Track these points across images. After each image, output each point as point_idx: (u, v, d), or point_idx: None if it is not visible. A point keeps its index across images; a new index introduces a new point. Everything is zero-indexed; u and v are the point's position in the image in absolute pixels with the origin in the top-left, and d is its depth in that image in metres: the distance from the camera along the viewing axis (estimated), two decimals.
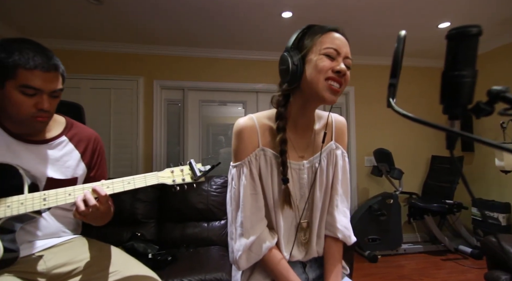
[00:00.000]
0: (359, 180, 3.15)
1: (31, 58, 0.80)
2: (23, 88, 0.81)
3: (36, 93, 0.82)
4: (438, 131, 0.40)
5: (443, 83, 0.45)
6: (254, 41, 2.71)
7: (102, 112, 2.69)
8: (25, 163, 0.88)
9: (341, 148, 0.85)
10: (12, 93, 0.81)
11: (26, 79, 0.80)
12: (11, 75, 0.79)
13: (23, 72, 0.80)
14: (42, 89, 0.83)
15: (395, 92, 0.49)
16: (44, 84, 0.82)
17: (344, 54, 0.71)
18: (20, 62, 0.79)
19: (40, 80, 0.82)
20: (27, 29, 2.43)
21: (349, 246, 1.83)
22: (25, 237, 0.89)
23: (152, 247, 1.77)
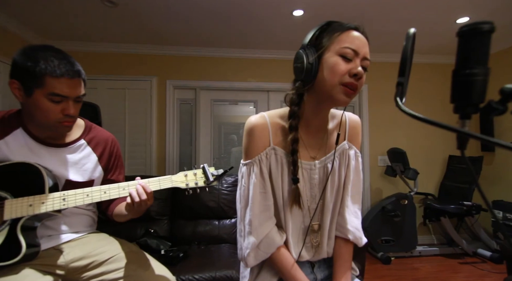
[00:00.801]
0: (372, 180, 3.10)
1: (56, 66, 0.83)
2: (51, 96, 0.84)
3: (63, 100, 0.86)
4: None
5: (454, 82, 0.43)
6: (265, 40, 2.71)
7: (117, 112, 2.77)
8: (46, 165, 0.91)
9: (354, 148, 0.82)
10: (40, 100, 0.84)
11: (53, 87, 0.83)
12: (39, 83, 0.83)
13: (50, 80, 0.83)
14: (68, 96, 0.86)
15: (403, 92, 0.48)
16: (70, 91, 0.86)
17: (362, 55, 0.67)
18: (47, 71, 0.82)
19: (66, 87, 0.85)
20: (47, 32, 2.54)
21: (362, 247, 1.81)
22: (45, 232, 0.93)
23: (164, 244, 1.82)
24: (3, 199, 0.84)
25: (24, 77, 0.84)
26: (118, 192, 0.91)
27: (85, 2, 2.03)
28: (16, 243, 0.80)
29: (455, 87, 0.43)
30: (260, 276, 0.78)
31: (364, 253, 1.78)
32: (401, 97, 0.47)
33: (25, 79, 0.84)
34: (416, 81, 3.04)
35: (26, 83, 0.84)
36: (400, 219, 2.66)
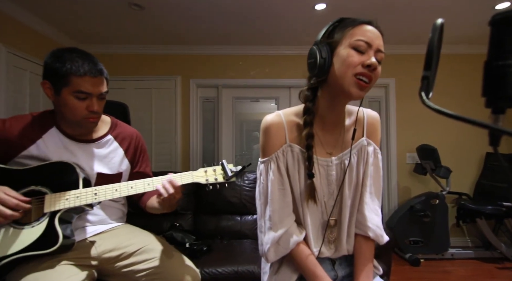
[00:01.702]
0: (399, 178, 2.96)
1: (80, 66, 0.89)
2: (76, 93, 0.91)
3: (87, 97, 0.93)
4: None
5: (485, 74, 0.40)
6: (286, 36, 2.68)
7: (144, 111, 2.90)
8: (79, 160, 1.00)
9: (373, 144, 0.81)
10: (67, 98, 0.92)
11: (78, 85, 0.90)
12: (66, 82, 0.90)
13: (75, 79, 0.90)
14: (91, 93, 0.93)
15: (429, 86, 0.46)
16: (93, 89, 0.93)
17: (376, 47, 0.67)
18: (72, 71, 0.89)
19: (90, 85, 0.92)
20: (78, 36, 2.70)
21: (387, 247, 1.75)
22: (79, 224, 1.01)
23: (189, 237, 1.88)
24: (43, 193, 0.92)
25: (53, 78, 0.91)
26: (144, 187, 0.97)
27: (114, 7, 2.14)
28: (54, 234, 0.87)
29: (487, 80, 0.40)
30: (281, 271, 0.78)
31: (390, 253, 1.72)
32: (426, 92, 0.45)
33: (54, 79, 0.91)
34: (445, 74, 2.85)
35: (55, 83, 0.91)
36: (430, 219, 2.53)
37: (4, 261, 0.82)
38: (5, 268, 0.84)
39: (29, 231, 0.88)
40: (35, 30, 2.32)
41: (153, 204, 1.06)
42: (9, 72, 2.05)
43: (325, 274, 0.73)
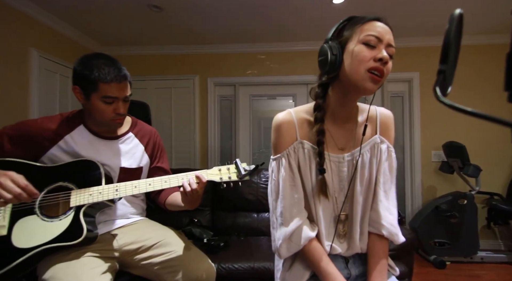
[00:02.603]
0: (424, 177, 2.83)
1: (107, 73, 0.96)
2: (104, 99, 0.98)
3: (114, 101, 1.00)
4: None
5: (508, 66, 0.38)
6: (303, 32, 2.64)
7: (164, 110, 2.99)
8: (103, 156, 1.06)
9: (387, 142, 0.80)
10: (96, 103, 0.99)
11: (105, 91, 0.97)
12: (94, 88, 0.97)
13: (102, 86, 0.96)
14: (117, 97, 0.99)
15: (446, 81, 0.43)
16: (118, 93, 0.99)
17: (386, 42, 0.68)
18: (100, 78, 0.95)
19: (116, 90, 0.98)
20: (101, 39, 2.83)
21: (409, 247, 1.68)
22: (101, 218, 1.07)
23: (207, 233, 1.93)
24: (70, 189, 0.98)
25: (83, 84, 0.98)
26: (161, 184, 1.01)
27: (135, 9, 2.22)
28: (79, 227, 0.93)
29: (509, 73, 0.37)
30: (293, 268, 0.79)
31: (411, 254, 1.66)
32: (442, 87, 0.43)
33: (84, 85, 0.98)
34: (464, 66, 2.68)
35: (84, 88, 0.98)
36: (457, 220, 2.40)
37: (35, 251, 0.89)
38: (36, 257, 0.91)
39: (57, 224, 0.94)
40: (63, 34, 2.46)
41: (174, 201, 1.10)
42: (41, 75, 2.20)
43: (337, 272, 0.72)
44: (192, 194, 0.94)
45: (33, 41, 2.15)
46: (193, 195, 0.94)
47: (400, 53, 2.82)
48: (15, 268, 0.88)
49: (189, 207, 1.03)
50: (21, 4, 2.02)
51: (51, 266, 0.90)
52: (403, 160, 2.92)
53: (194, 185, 0.93)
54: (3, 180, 0.83)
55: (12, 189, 0.83)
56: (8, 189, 0.83)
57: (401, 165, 2.92)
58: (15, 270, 0.88)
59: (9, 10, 1.96)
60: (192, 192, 0.93)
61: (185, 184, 0.93)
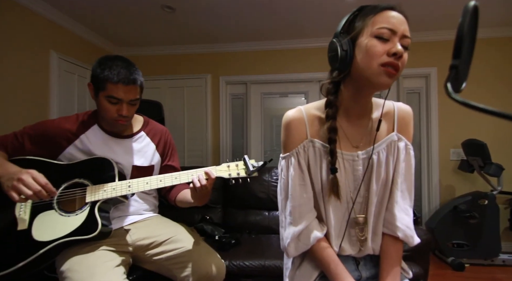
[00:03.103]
0: (442, 176, 2.73)
1: (116, 74, 0.98)
2: (109, 98, 1.01)
3: (118, 102, 1.02)
4: None
5: None
6: (315, 28, 2.60)
7: (177, 109, 3.04)
8: (116, 154, 1.10)
9: (404, 140, 0.76)
10: (102, 101, 1.02)
11: (111, 91, 0.99)
12: (102, 87, 1.00)
13: (109, 85, 0.99)
14: (122, 99, 1.01)
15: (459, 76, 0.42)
16: (124, 95, 1.01)
17: (401, 33, 0.63)
18: (109, 77, 0.98)
19: (122, 92, 1.00)
20: (119, 42, 2.91)
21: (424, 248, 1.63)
22: (115, 214, 1.11)
23: (218, 230, 1.95)
24: (85, 185, 1.02)
25: (94, 81, 1.02)
26: (171, 180, 1.03)
27: (148, 11, 2.26)
28: (94, 222, 0.97)
29: None
30: (302, 267, 0.78)
31: (427, 256, 1.61)
32: (456, 82, 0.41)
33: (95, 82, 1.02)
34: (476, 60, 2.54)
35: (95, 86, 1.02)
36: (477, 221, 2.30)
37: (54, 244, 0.93)
38: (55, 250, 0.95)
39: (73, 218, 0.98)
40: (81, 37, 2.55)
41: (184, 197, 1.13)
42: (60, 76, 2.29)
43: (347, 272, 0.71)
44: (201, 189, 0.95)
45: (53, 44, 2.24)
46: (202, 190, 0.96)
47: (417, 48, 2.72)
48: (36, 260, 0.93)
49: (198, 203, 1.05)
50: (42, 8, 2.11)
51: (68, 258, 0.94)
52: (419, 158, 2.83)
53: (203, 181, 0.94)
54: (25, 177, 0.87)
55: (33, 186, 0.87)
56: (29, 186, 0.87)
57: (418, 164, 2.83)
58: (36, 262, 0.93)
59: (30, 14, 2.05)
60: (202, 187, 0.94)
61: (195, 180, 0.95)
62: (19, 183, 0.86)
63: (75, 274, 0.90)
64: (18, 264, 0.91)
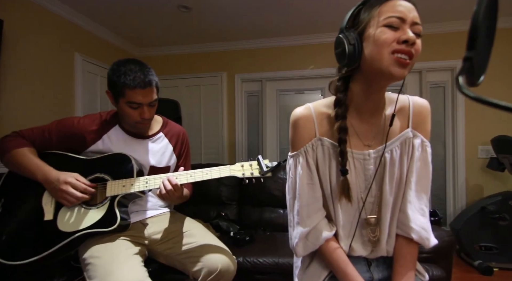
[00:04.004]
0: (469, 175, 2.59)
1: (132, 80, 1.01)
2: (130, 104, 1.04)
3: (139, 106, 1.05)
4: None
5: None
6: (329, 23, 2.54)
7: (194, 107, 3.09)
8: (135, 154, 1.13)
9: (420, 137, 0.72)
10: (123, 107, 1.06)
11: (130, 97, 1.03)
12: (122, 94, 1.03)
13: (128, 91, 1.02)
14: (142, 103, 1.04)
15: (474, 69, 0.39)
16: (143, 99, 1.04)
17: (410, 20, 0.60)
18: (126, 84, 1.01)
19: (140, 96, 1.03)
20: (138, 42, 3.00)
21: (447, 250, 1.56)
22: (134, 208, 1.16)
23: (233, 226, 1.97)
24: (106, 180, 1.07)
25: (113, 89, 1.06)
26: (187, 178, 1.05)
27: (165, 11, 2.32)
28: (113, 215, 1.01)
29: None
30: (311, 266, 0.77)
31: (450, 258, 1.53)
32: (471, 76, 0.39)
33: (113, 90, 1.06)
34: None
35: (114, 93, 1.06)
36: (507, 223, 2.15)
37: (77, 235, 0.99)
38: (78, 240, 1.01)
39: (95, 211, 1.03)
40: (103, 38, 2.66)
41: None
42: (84, 77, 2.40)
43: (356, 273, 0.69)
44: (168, 196, 0.98)
45: (77, 46, 2.35)
46: (169, 197, 0.99)
47: (441, 39, 2.58)
48: (60, 249, 0.99)
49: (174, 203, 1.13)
50: (65, 11, 2.22)
51: (90, 247, 1.00)
52: (444, 156, 2.70)
53: (169, 186, 0.97)
54: (65, 187, 0.96)
55: (74, 194, 0.96)
56: (71, 195, 0.96)
57: (442, 162, 2.70)
58: (60, 251, 0.99)
59: (55, 17, 2.17)
60: (168, 193, 0.98)
61: (161, 185, 0.99)
62: (63, 193, 0.96)
63: (96, 260, 0.95)
64: (45, 252, 0.97)
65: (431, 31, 2.60)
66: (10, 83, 1.84)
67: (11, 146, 1.02)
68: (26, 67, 1.94)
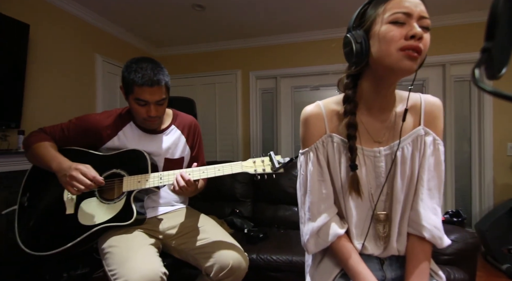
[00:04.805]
0: (497, 174, 2.44)
1: (140, 77, 1.03)
2: (136, 101, 1.06)
3: (146, 103, 1.07)
4: None
5: None
6: (348, 16, 2.46)
7: (209, 105, 3.13)
8: (149, 149, 1.16)
9: (432, 134, 0.71)
10: (132, 103, 1.08)
11: (138, 94, 1.05)
12: (131, 90, 1.06)
13: (136, 88, 1.04)
14: (148, 101, 1.06)
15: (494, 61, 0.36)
16: (150, 97, 1.05)
17: (417, 15, 0.59)
18: (134, 81, 1.03)
19: (147, 93, 1.05)
20: (155, 42, 3.07)
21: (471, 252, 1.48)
22: (150, 204, 1.19)
23: (248, 223, 1.98)
24: (122, 176, 1.11)
25: (124, 85, 1.09)
26: (199, 174, 1.06)
27: (180, 10, 2.35)
28: (130, 210, 1.04)
29: None
30: (322, 264, 0.76)
31: (474, 261, 1.45)
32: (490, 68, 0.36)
33: (124, 86, 1.08)
34: None
35: (125, 89, 1.09)
36: None
37: (96, 228, 1.04)
38: (97, 233, 1.06)
39: (112, 206, 1.07)
40: (121, 39, 2.75)
41: None
42: (104, 77, 2.50)
43: (368, 271, 0.67)
44: (181, 192, 0.99)
45: (97, 48, 2.45)
46: (182, 192, 1.00)
47: (467, 30, 2.44)
48: (81, 242, 1.04)
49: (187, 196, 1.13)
50: (86, 14, 2.31)
51: (108, 238, 1.05)
52: (470, 154, 2.56)
53: (181, 182, 0.98)
54: (75, 173, 0.98)
55: (83, 181, 0.97)
56: (80, 181, 0.97)
57: (468, 160, 2.57)
58: (81, 243, 1.04)
59: (76, 20, 2.27)
60: (181, 189, 0.99)
61: (174, 181, 1.00)
62: (72, 180, 0.97)
63: (114, 249, 1.00)
64: (68, 244, 1.02)
65: (456, 21, 2.46)
66: (36, 84, 1.94)
67: (34, 140, 1.09)
68: (50, 69, 2.05)
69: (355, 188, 0.69)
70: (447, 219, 1.99)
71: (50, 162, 1.02)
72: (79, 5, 2.21)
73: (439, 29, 2.45)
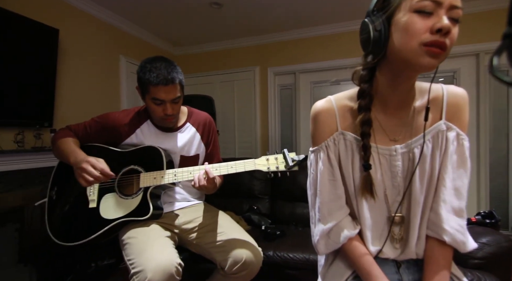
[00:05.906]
0: None
1: (155, 77, 1.05)
2: (153, 100, 1.09)
3: (162, 103, 1.09)
4: None
5: None
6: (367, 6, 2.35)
7: (228, 102, 3.16)
8: (166, 146, 1.19)
9: (456, 129, 0.64)
10: (149, 103, 1.11)
11: (154, 93, 1.07)
12: (146, 90, 1.08)
13: (151, 88, 1.07)
14: (164, 100, 1.08)
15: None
16: (165, 96, 1.07)
17: (448, 4, 0.52)
18: (149, 80, 1.05)
19: (162, 92, 1.07)
20: (175, 41, 3.14)
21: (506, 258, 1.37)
22: (166, 199, 1.22)
23: (265, 220, 1.98)
24: (139, 172, 1.15)
25: (140, 85, 1.11)
26: (213, 171, 1.07)
27: (198, 9, 2.39)
28: (147, 206, 1.08)
29: None
30: (334, 265, 0.74)
31: (509, 266, 1.34)
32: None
33: (141, 86, 1.11)
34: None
35: (141, 89, 1.11)
36: None
37: (116, 222, 1.09)
38: (117, 227, 1.11)
39: (130, 201, 1.12)
40: (143, 40, 2.84)
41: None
42: (128, 77, 2.60)
43: (382, 274, 0.63)
44: (201, 188, 1.00)
45: (121, 49, 2.55)
46: (202, 189, 1.01)
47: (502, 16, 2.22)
48: (103, 234, 1.09)
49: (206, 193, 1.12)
50: (109, 17, 2.42)
51: (128, 230, 1.10)
52: (507, 151, 2.36)
53: (202, 181, 0.99)
54: (85, 165, 1.03)
55: (92, 172, 1.02)
56: (89, 173, 1.02)
57: (505, 157, 2.37)
58: (103, 235, 1.10)
59: (102, 23, 2.38)
60: (201, 187, 0.99)
61: (195, 180, 1.01)
62: (82, 171, 1.02)
63: (133, 240, 1.04)
64: (91, 236, 1.09)
65: (491, 7, 2.26)
66: (65, 86, 2.07)
67: (59, 136, 1.16)
68: (78, 71, 2.17)
69: (368, 189, 0.65)
70: (479, 220, 1.85)
71: (69, 156, 1.08)
72: (103, 8, 2.32)
73: (472, 16, 2.26)
